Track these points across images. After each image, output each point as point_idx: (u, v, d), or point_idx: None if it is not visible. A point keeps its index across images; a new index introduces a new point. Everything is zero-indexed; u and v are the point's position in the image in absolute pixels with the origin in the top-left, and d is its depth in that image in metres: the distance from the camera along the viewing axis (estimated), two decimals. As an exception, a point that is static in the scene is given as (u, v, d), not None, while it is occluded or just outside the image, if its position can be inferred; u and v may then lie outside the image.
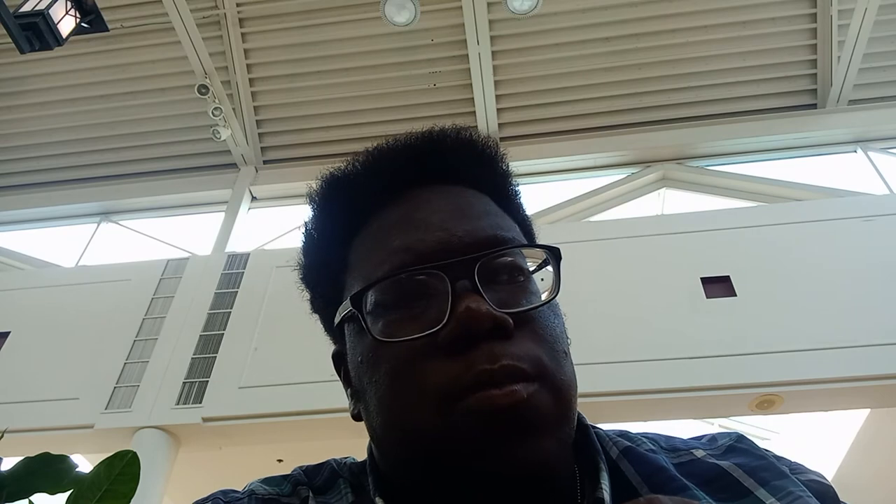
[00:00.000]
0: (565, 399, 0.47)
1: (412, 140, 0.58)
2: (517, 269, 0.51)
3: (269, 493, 0.56)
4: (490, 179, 0.58)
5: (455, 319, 0.45)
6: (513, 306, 0.48)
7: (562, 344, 0.50)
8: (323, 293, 0.60)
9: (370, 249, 0.53)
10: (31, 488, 0.61)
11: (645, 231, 4.56)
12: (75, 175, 6.13)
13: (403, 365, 0.47)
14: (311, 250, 0.61)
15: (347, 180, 0.58)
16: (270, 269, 4.70)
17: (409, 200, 0.54)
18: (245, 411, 3.92)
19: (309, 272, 0.63)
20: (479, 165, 0.58)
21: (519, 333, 0.47)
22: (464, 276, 0.47)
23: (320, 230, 0.60)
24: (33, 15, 4.30)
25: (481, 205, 0.55)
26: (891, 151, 5.27)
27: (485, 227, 0.52)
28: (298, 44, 5.66)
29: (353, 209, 0.57)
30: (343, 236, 0.57)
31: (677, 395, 3.65)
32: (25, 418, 3.98)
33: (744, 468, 0.51)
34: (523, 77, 5.64)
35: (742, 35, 5.44)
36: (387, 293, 0.49)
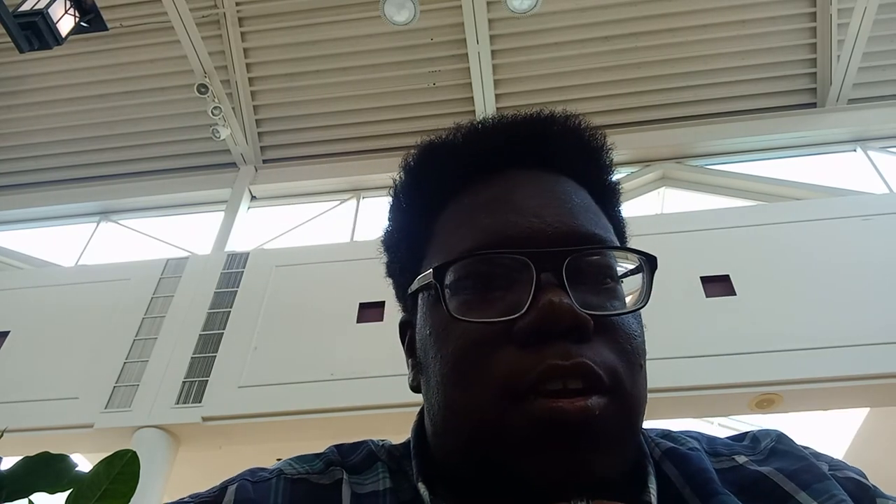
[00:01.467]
0: (635, 416, 0.46)
1: (518, 120, 0.56)
2: (607, 270, 0.49)
3: (299, 472, 0.53)
4: (591, 172, 0.56)
5: (535, 311, 0.43)
6: (597, 309, 0.46)
7: (640, 357, 0.48)
8: (401, 259, 0.58)
9: (458, 224, 0.51)
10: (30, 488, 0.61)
11: (644, 230, 4.54)
12: (74, 174, 6.12)
13: (473, 347, 0.45)
14: (397, 214, 0.59)
15: (446, 150, 0.56)
16: (270, 268, 4.70)
17: (506, 180, 0.52)
18: (245, 411, 3.92)
19: (390, 236, 0.60)
20: (582, 156, 0.56)
21: (598, 338, 0.45)
22: (551, 268, 0.45)
23: (410, 195, 0.58)
24: (32, 14, 4.30)
25: (579, 197, 0.53)
26: (890, 150, 5.27)
27: (580, 222, 0.50)
28: (298, 43, 5.65)
29: (447, 180, 0.55)
30: (432, 205, 0.55)
31: (677, 395, 3.66)
32: (25, 418, 3.98)
33: (784, 472, 0.49)
34: (523, 76, 5.64)
35: (741, 34, 5.43)
36: (469, 271, 0.47)
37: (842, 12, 5.22)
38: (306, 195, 5.79)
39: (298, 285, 4.55)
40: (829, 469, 0.51)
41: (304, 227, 5.54)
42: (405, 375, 0.58)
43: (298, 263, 4.69)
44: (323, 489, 0.52)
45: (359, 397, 3.79)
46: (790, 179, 5.07)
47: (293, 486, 0.52)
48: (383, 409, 3.73)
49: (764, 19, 5.38)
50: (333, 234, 5.41)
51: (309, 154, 5.90)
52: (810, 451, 0.53)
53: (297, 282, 4.57)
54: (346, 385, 3.86)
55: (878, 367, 3.54)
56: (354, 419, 3.80)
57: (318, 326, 4.23)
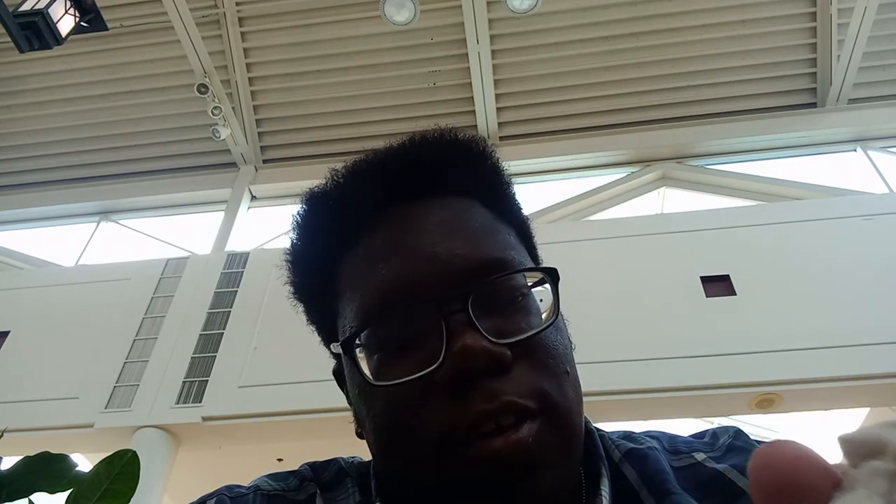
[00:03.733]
0: (571, 426, 0.46)
1: (391, 152, 0.54)
2: (514, 289, 0.48)
3: (275, 489, 0.55)
4: (480, 182, 0.55)
5: (450, 359, 0.43)
6: (512, 333, 0.45)
7: (565, 364, 0.48)
8: (315, 314, 0.59)
9: (358, 278, 0.50)
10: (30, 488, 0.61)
11: (644, 230, 4.56)
12: (74, 174, 6.12)
13: (399, 408, 0.45)
14: (300, 267, 0.59)
15: (329, 201, 0.55)
16: (270, 268, 4.70)
17: (396, 218, 0.51)
18: (245, 411, 3.92)
19: (299, 289, 0.60)
20: (463, 169, 0.54)
21: (519, 362, 0.44)
22: (458, 308, 0.44)
23: (307, 251, 0.57)
24: (32, 14, 4.29)
25: (473, 217, 0.51)
26: (890, 150, 5.27)
27: (477, 250, 0.48)
28: (298, 43, 5.66)
29: (336, 232, 0.54)
30: (330, 259, 0.54)
31: (677, 395, 3.66)
32: (25, 418, 3.98)
33: (738, 468, 0.50)
34: (523, 76, 5.64)
35: (742, 34, 5.43)
36: (378, 333, 0.47)
37: (842, 12, 5.22)
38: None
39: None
40: None
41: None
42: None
43: (298, 263, 4.69)
44: None
45: (359, 397, 3.79)
46: (790, 179, 5.07)
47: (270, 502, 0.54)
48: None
49: (764, 19, 5.38)
50: (333, 234, 5.40)
51: (309, 154, 5.90)
52: None
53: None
54: (346, 385, 3.85)
55: (878, 367, 3.54)
56: (354, 419, 3.80)
57: (318, 326, 4.22)
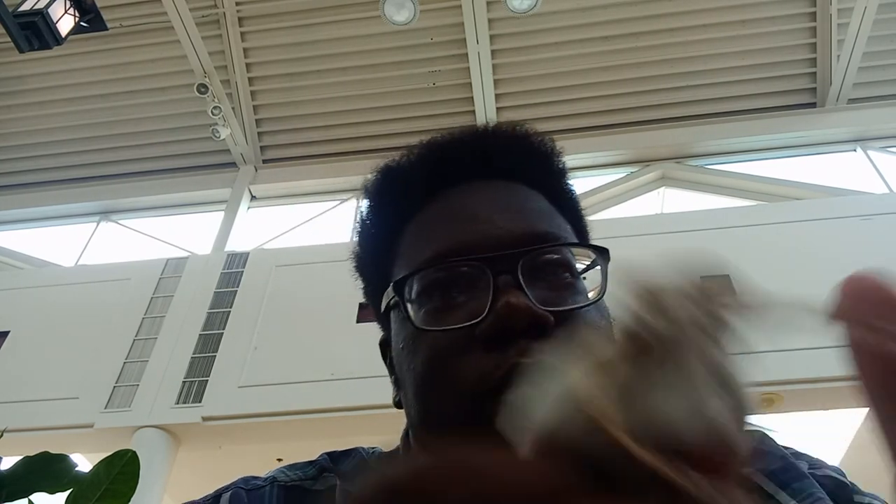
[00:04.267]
0: None
1: (466, 134, 0.58)
2: (564, 266, 0.50)
3: (293, 479, 0.55)
4: (544, 177, 0.57)
5: (494, 314, 0.44)
6: (556, 305, 0.46)
7: None
8: (372, 282, 0.60)
9: (416, 240, 0.53)
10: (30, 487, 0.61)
11: (644, 230, 4.56)
12: (74, 174, 6.12)
13: (440, 355, 0.46)
14: (363, 240, 0.61)
15: (400, 172, 0.58)
16: (270, 268, 4.70)
17: (460, 193, 0.54)
18: (245, 410, 3.92)
19: (360, 261, 0.62)
20: (532, 162, 0.57)
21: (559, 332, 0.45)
22: (507, 270, 0.46)
23: (372, 220, 0.60)
24: (32, 14, 4.29)
25: (532, 201, 0.54)
26: (890, 150, 5.27)
27: (533, 223, 0.51)
28: (298, 43, 5.65)
29: (403, 200, 0.56)
30: (392, 227, 0.57)
31: (677, 394, 3.66)
32: (25, 418, 3.98)
33: (765, 472, 0.50)
34: (523, 76, 5.64)
35: (741, 34, 5.43)
36: (429, 282, 0.49)
37: (842, 12, 5.22)
38: (306, 195, 5.79)
39: (298, 285, 4.54)
40: (809, 468, 0.53)
41: (304, 227, 5.54)
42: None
43: (298, 263, 4.69)
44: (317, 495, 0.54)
45: (359, 397, 3.79)
46: (790, 179, 5.07)
47: (287, 493, 0.54)
48: (383, 409, 3.72)
49: (764, 19, 5.38)
50: (333, 234, 5.41)
51: (309, 154, 5.90)
52: (791, 451, 0.55)
53: (297, 282, 4.57)
54: (346, 385, 3.85)
55: (877, 367, 3.54)
56: (354, 419, 3.80)
57: (318, 326, 4.23)
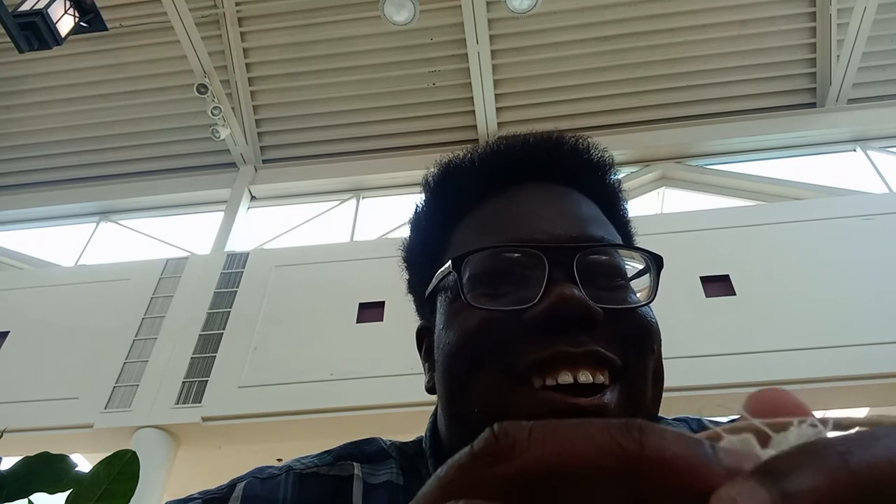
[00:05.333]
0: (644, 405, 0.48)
1: (532, 138, 0.59)
2: (617, 270, 0.51)
3: (308, 466, 0.55)
4: (599, 188, 0.59)
5: (547, 300, 0.45)
6: (607, 303, 0.47)
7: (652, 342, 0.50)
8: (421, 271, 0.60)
9: (474, 230, 0.54)
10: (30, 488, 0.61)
11: (644, 230, 4.49)
12: (74, 174, 6.12)
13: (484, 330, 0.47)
14: (417, 230, 0.62)
15: (465, 166, 0.60)
16: (270, 268, 4.70)
17: (520, 192, 0.55)
18: (244, 411, 3.92)
19: (411, 251, 0.63)
20: (591, 172, 0.59)
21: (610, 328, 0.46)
22: (562, 263, 0.47)
23: (429, 212, 0.61)
24: (32, 14, 4.29)
25: (589, 207, 0.56)
26: (890, 150, 5.27)
27: (589, 227, 0.52)
28: (297, 43, 5.65)
29: (463, 194, 0.58)
30: (450, 218, 0.58)
31: (676, 395, 3.65)
32: (25, 418, 3.98)
33: None
34: (523, 76, 5.64)
35: (741, 34, 5.43)
36: (485, 265, 0.49)
37: (842, 12, 5.22)
38: (306, 195, 5.79)
39: (298, 285, 4.55)
40: None
41: (304, 227, 5.54)
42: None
43: (298, 263, 4.69)
44: (334, 480, 0.54)
45: (359, 397, 3.79)
46: (790, 179, 5.07)
47: (303, 480, 0.54)
48: (383, 409, 3.73)
49: (764, 19, 5.38)
50: (333, 234, 5.41)
51: (309, 154, 5.90)
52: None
53: (297, 282, 4.57)
54: (346, 385, 3.86)
55: (878, 367, 3.54)
56: (354, 419, 3.80)
57: (318, 326, 4.23)
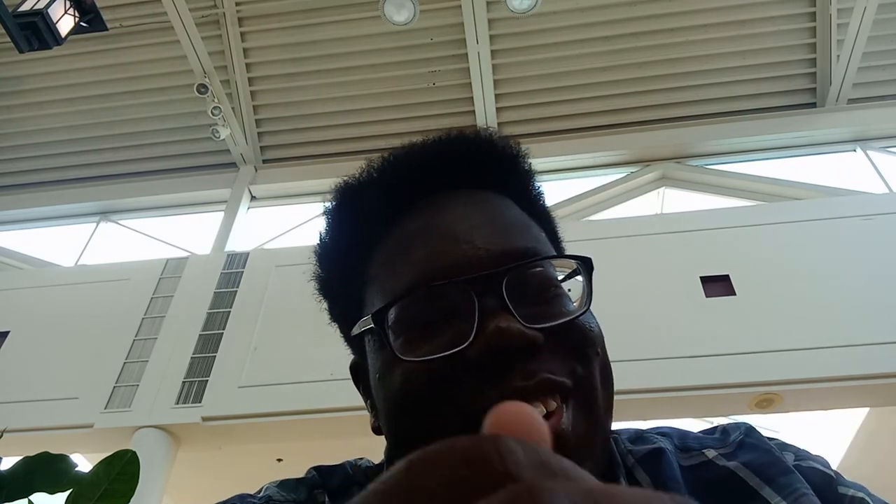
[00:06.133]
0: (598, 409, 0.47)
1: (429, 144, 0.55)
2: (547, 279, 0.48)
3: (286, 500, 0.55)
4: (512, 181, 0.56)
5: (483, 337, 0.43)
6: (544, 319, 0.45)
7: (596, 346, 0.49)
8: (341, 304, 0.58)
9: (390, 262, 0.50)
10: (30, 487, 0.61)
11: (644, 230, 4.56)
12: (74, 174, 6.12)
13: (425, 384, 0.45)
14: (328, 262, 0.58)
15: (363, 189, 0.56)
16: (270, 268, 4.70)
17: (430, 208, 0.51)
18: (245, 411, 3.92)
19: (326, 284, 0.59)
20: (500, 167, 0.55)
21: (550, 346, 0.45)
22: (491, 291, 0.44)
23: (337, 241, 0.57)
24: (32, 14, 4.29)
25: (506, 212, 0.52)
26: (890, 150, 5.27)
27: (512, 238, 0.49)
28: (297, 43, 5.65)
29: (370, 219, 0.53)
30: (361, 248, 0.54)
31: (677, 395, 3.66)
32: (25, 418, 3.98)
33: (750, 467, 0.50)
34: (523, 76, 5.64)
35: (741, 34, 5.43)
36: (409, 309, 0.46)
37: (842, 12, 5.22)
38: (306, 195, 5.79)
39: (298, 285, 4.52)
40: (795, 460, 0.52)
41: (304, 227, 5.54)
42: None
43: (298, 263, 4.64)
44: None
45: (358, 398, 3.78)
46: (790, 179, 5.07)
47: None
48: (383, 409, 3.72)
49: (764, 19, 5.38)
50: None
51: (309, 154, 5.90)
52: (777, 443, 0.54)
53: (298, 282, 4.54)
54: (346, 385, 3.82)
55: (878, 367, 3.54)
56: (354, 419, 3.79)
57: (318, 327, 4.19)
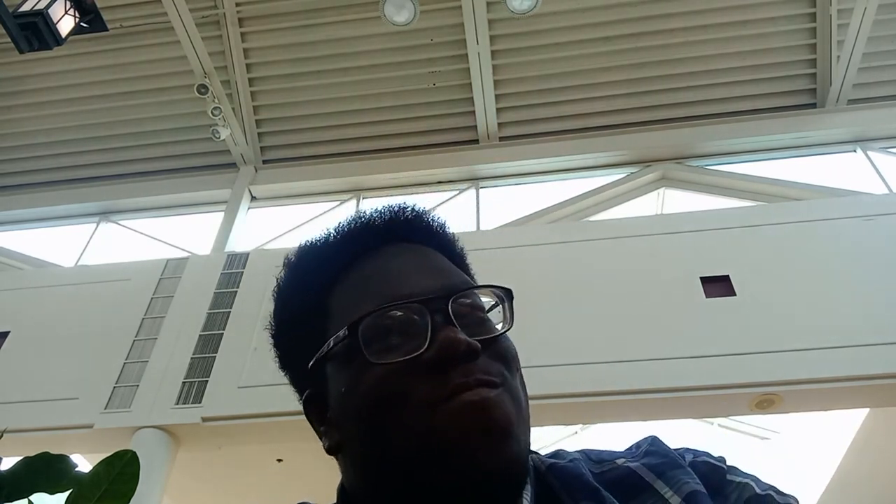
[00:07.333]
0: (522, 406, 0.58)
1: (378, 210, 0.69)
2: (478, 307, 0.61)
3: None
4: (443, 242, 0.70)
5: (437, 345, 0.54)
6: (480, 335, 0.57)
7: (517, 363, 0.60)
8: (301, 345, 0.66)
9: (353, 295, 0.62)
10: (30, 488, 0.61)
11: (644, 231, 4.56)
12: (74, 175, 6.12)
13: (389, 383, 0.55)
14: (291, 302, 0.68)
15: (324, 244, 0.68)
16: (270, 268, 4.67)
17: (383, 255, 0.64)
18: (245, 411, 3.92)
19: (283, 327, 0.70)
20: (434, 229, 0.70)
21: (484, 355, 0.56)
22: (440, 311, 0.56)
23: (299, 285, 0.67)
24: (32, 14, 4.30)
25: (440, 261, 0.66)
26: (890, 151, 5.27)
27: (450, 277, 0.63)
28: (298, 43, 5.66)
29: (331, 263, 0.65)
30: (325, 286, 0.65)
31: (677, 395, 3.66)
32: (25, 418, 3.98)
33: (647, 465, 0.60)
34: (523, 77, 5.64)
35: (741, 35, 5.44)
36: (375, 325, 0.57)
37: (842, 12, 5.22)
38: (306, 195, 5.79)
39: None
40: (692, 458, 0.62)
41: (304, 227, 5.54)
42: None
43: (298, 264, 4.69)
44: None
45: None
46: (790, 180, 5.07)
47: None
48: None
49: (764, 19, 5.38)
50: (333, 235, 5.40)
51: (309, 154, 5.90)
52: (682, 450, 0.64)
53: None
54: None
55: (878, 367, 3.54)
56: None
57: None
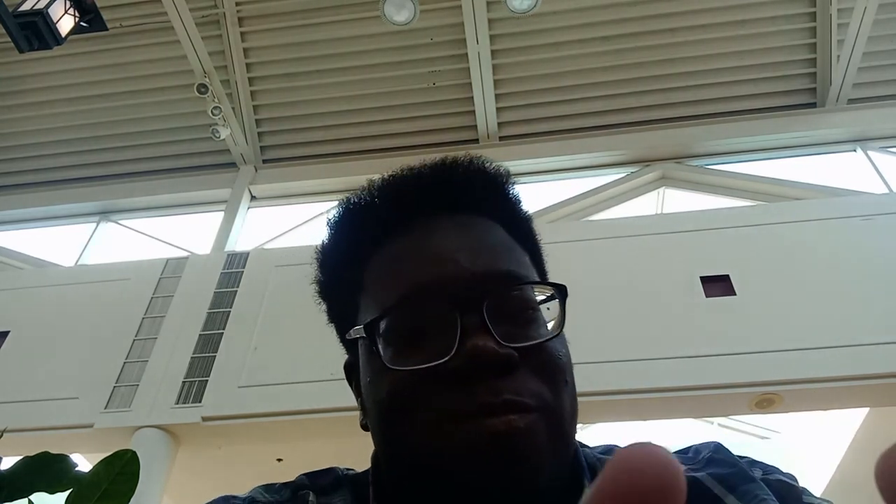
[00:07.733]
0: (562, 430, 0.50)
1: (425, 169, 0.60)
2: (525, 302, 0.52)
3: (269, 501, 0.57)
4: (500, 207, 0.60)
5: (462, 354, 0.47)
6: (519, 339, 0.49)
7: (565, 373, 0.52)
8: (338, 307, 0.62)
9: (383, 275, 0.55)
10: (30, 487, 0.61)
11: (644, 230, 4.56)
12: (74, 174, 6.12)
13: (408, 392, 0.49)
14: (328, 268, 0.63)
15: (363, 206, 0.60)
16: (270, 268, 4.70)
17: (421, 228, 0.56)
18: (245, 411, 3.92)
19: (325, 288, 0.64)
20: (489, 193, 0.60)
21: (524, 366, 0.48)
22: (473, 310, 0.48)
23: (337, 251, 0.62)
24: (32, 14, 4.30)
25: (492, 236, 0.57)
26: (890, 150, 5.27)
27: (495, 262, 0.53)
28: (298, 43, 5.66)
29: (367, 234, 0.58)
30: (358, 259, 0.58)
31: (677, 395, 3.66)
32: (25, 418, 3.98)
33: (716, 477, 0.53)
34: (523, 76, 5.64)
35: (741, 34, 5.43)
36: (397, 321, 0.51)
37: (842, 12, 5.22)
38: (306, 195, 5.79)
39: (298, 285, 4.52)
40: (762, 474, 0.55)
41: (304, 227, 5.54)
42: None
43: (298, 263, 4.67)
44: None
45: (359, 397, 3.79)
46: (790, 179, 5.07)
47: None
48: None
49: (763, 19, 5.38)
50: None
51: (309, 154, 5.90)
52: (747, 460, 0.57)
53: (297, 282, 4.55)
54: (346, 385, 3.84)
55: (878, 367, 3.54)
56: (354, 419, 3.74)
57: (318, 326, 4.19)
